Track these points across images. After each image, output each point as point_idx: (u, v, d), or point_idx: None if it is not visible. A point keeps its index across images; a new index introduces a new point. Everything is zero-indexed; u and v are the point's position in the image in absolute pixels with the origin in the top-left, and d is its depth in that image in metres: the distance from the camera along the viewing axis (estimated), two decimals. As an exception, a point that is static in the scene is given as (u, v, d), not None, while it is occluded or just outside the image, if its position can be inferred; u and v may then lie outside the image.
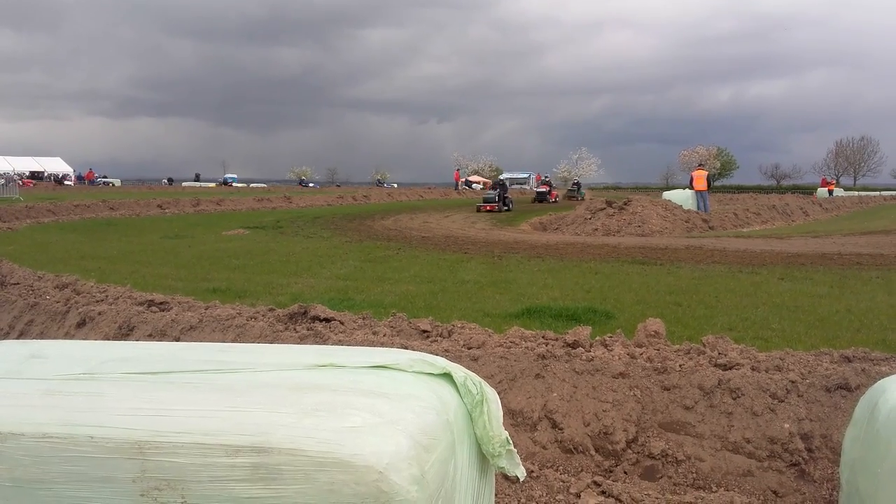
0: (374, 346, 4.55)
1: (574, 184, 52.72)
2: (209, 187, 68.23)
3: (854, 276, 10.28)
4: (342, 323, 5.26)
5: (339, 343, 4.70)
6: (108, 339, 5.54)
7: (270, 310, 5.83)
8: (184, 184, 78.23)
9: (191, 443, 1.55)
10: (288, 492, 1.51)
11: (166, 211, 28.79)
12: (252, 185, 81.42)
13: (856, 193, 59.51)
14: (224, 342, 4.87)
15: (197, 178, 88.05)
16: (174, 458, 1.56)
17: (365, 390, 1.76)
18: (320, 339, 4.84)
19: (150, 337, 5.52)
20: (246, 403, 1.66)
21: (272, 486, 1.51)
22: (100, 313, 6.13)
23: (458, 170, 71.35)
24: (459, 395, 2.01)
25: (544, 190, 45.28)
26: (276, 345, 2.99)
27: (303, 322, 5.34)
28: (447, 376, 2.02)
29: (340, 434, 1.52)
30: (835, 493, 3.19)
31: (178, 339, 5.32)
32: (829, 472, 3.29)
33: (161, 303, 6.32)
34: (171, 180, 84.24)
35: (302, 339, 4.89)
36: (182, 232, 18.46)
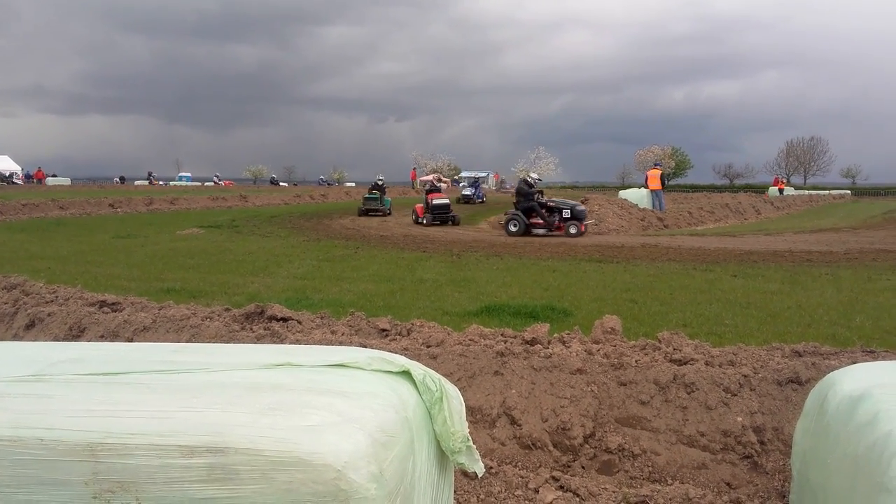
0: (333, 345, 4.52)
1: (374, 186, 27.77)
2: (162, 186, 67.03)
3: (804, 273, 10.54)
4: (300, 322, 5.22)
5: (297, 342, 4.66)
6: (59, 341, 5.41)
7: (226, 310, 5.75)
8: (136, 183, 76.65)
9: (144, 444, 1.52)
10: (245, 491, 1.49)
11: (118, 210, 28.21)
12: (206, 183, 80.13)
13: (806, 192, 60.90)
14: (179, 343, 4.79)
15: (149, 178, 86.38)
16: (127, 459, 1.53)
17: (323, 389, 1.74)
18: (277, 339, 4.79)
19: (102, 338, 5.40)
20: (201, 404, 1.63)
21: (229, 487, 1.49)
22: (49, 314, 5.98)
23: (414, 168, 71.09)
24: (418, 392, 2.00)
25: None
26: (232, 345, 2.96)
27: (259, 322, 5.28)
28: (406, 374, 2.02)
29: (298, 433, 1.50)
30: (786, 484, 3.26)
31: (130, 340, 5.22)
32: (781, 463, 3.37)
33: (113, 303, 6.20)
34: (122, 179, 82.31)
35: (259, 339, 4.84)
36: (135, 231, 18.11)
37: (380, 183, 27.79)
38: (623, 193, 28.91)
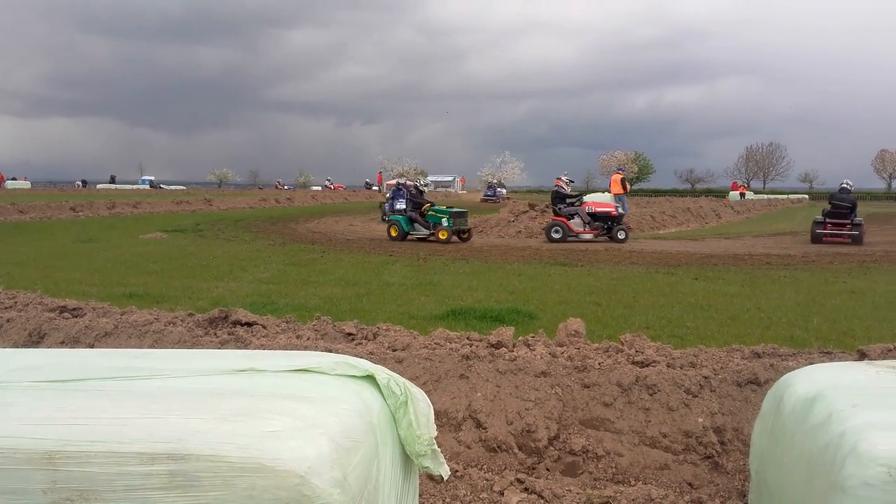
0: (298, 349, 4.50)
1: (417, 192, 18.53)
2: (125, 189, 66.21)
3: (763, 276, 10.74)
4: (264, 327, 5.18)
5: (262, 347, 4.63)
6: (17, 347, 5.31)
7: (189, 315, 5.69)
8: (98, 186, 75.47)
9: (104, 452, 1.51)
10: (207, 498, 1.48)
11: (80, 214, 27.73)
12: (171, 187, 79.21)
13: (765, 196, 62.03)
14: (141, 348, 4.73)
15: (112, 181, 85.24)
16: (86, 467, 1.51)
17: (286, 394, 1.74)
18: (242, 344, 4.76)
19: (63, 344, 5.31)
20: (162, 410, 1.62)
21: (190, 494, 1.48)
22: (8, 320, 5.86)
23: (380, 172, 71.06)
24: (383, 396, 2.01)
25: None
26: (195, 350, 2.93)
27: (223, 327, 5.23)
28: (370, 378, 2.02)
29: (260, 439, 1.50)
30: (746, 483, 3.32)
31: (92, 346, 5.14)
32: (741, 463, 3.43)
33: (74, 309, 6.09)
34: (84, 182, 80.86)
35: (223, 345, 4.80)
36: (97, 235, 17.82)
37: (424, 190, 19.10)
38: (587, 198, 29.14)
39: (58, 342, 5.38)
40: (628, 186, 27.74)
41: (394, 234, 17.70)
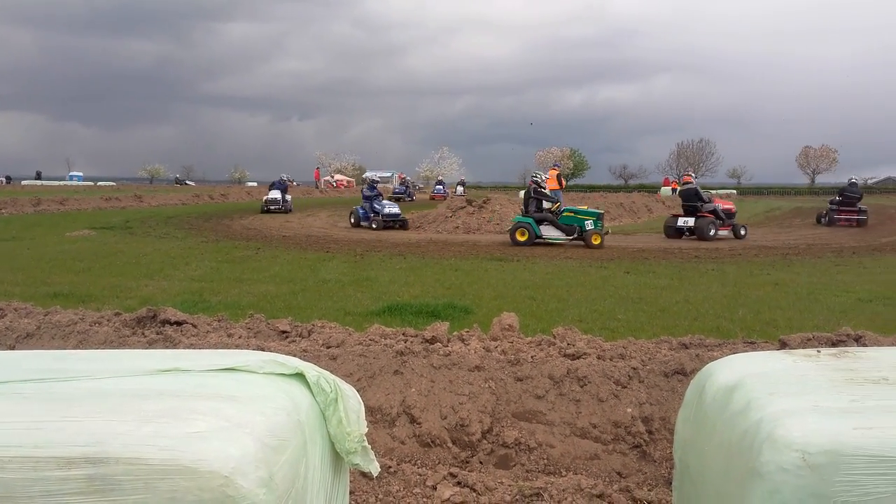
0: (230, 348, 4.43)
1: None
2: (51, 185, 63.92)
3: (692, 269, 11.05)
4: (195, 326, 5.08)
5: (192, 347, 4.55)
6: (-68, 351, 5.07)
7: (116, 314, 5.54)
8: (23, 182, 72.67)
9: (19, 456, 1.46)
10: (127, 502, 1.45)
11: (2, 211, 26.65)
12: (100, 183, 76.78)
13: (695, 191, 63.46)
14: (63, 350, 4.59)
15: (38, 177, 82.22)
16: (1, 473, 1.46)
17: (210, 394, 1.71)
18: (171, 344, 4.66)
19: (-19, 347, 5.11)
20: (81, 413, 1.58)
21: (110, 497, 1.45)
22: (-79, 323, 5.60)
23: (318, 168, 70.41)
24: (312, 394, 1.99)
25: None
26: (118, 350, 2.85)
27: (152, 326, 5.11)
28: (300, 376, 2.00)
29: (183, 440, 1.47)
30: (673, 471, 3.41)
31: (12, 348, 4.96)
32: (668, 452, 3.53)
33: (-7, 310, 5.86)
34: (8, 178, 77.72)
35: (151, 345, 4.69)
36: (20, 233, 17.17)
37: (545, 187, 17.34)
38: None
39: (-24, 345, 5.17)
40: (564, 182, 28.13)
41: (521, 238, 15.51)
